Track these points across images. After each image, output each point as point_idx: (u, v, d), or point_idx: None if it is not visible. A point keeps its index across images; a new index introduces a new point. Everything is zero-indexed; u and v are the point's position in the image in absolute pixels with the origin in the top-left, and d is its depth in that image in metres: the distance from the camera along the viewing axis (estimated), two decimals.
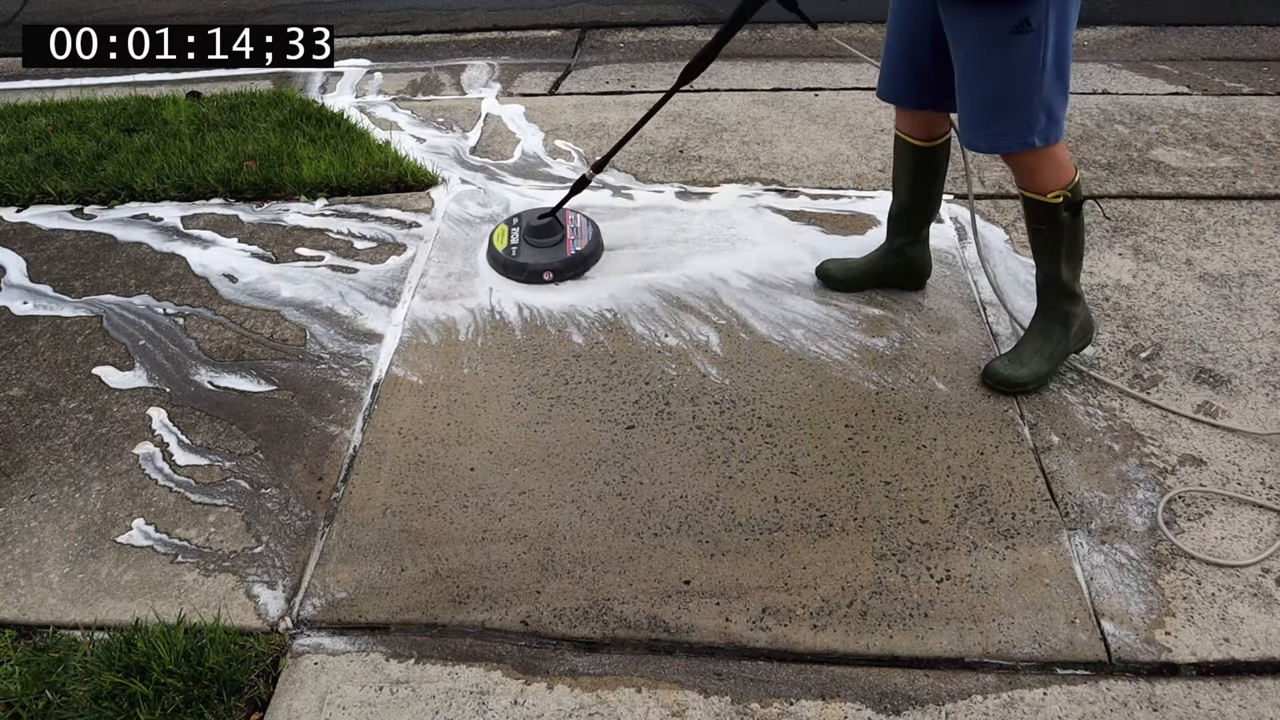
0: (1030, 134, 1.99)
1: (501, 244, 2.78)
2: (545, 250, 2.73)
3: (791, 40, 4.65)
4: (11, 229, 3.20)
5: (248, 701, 1.72)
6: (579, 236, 2.80)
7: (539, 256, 2.72)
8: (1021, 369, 2.26)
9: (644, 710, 1.67)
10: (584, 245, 2.76)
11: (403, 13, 5.30)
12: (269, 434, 2.30)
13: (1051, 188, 2.09)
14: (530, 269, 2.71)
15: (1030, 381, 2.26)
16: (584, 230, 2.84)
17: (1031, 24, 1.85)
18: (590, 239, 2.80)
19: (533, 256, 2.72)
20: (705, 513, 2.04)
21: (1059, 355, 2.29)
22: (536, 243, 2.75)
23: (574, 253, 2.74)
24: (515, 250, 2.75)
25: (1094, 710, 1.63)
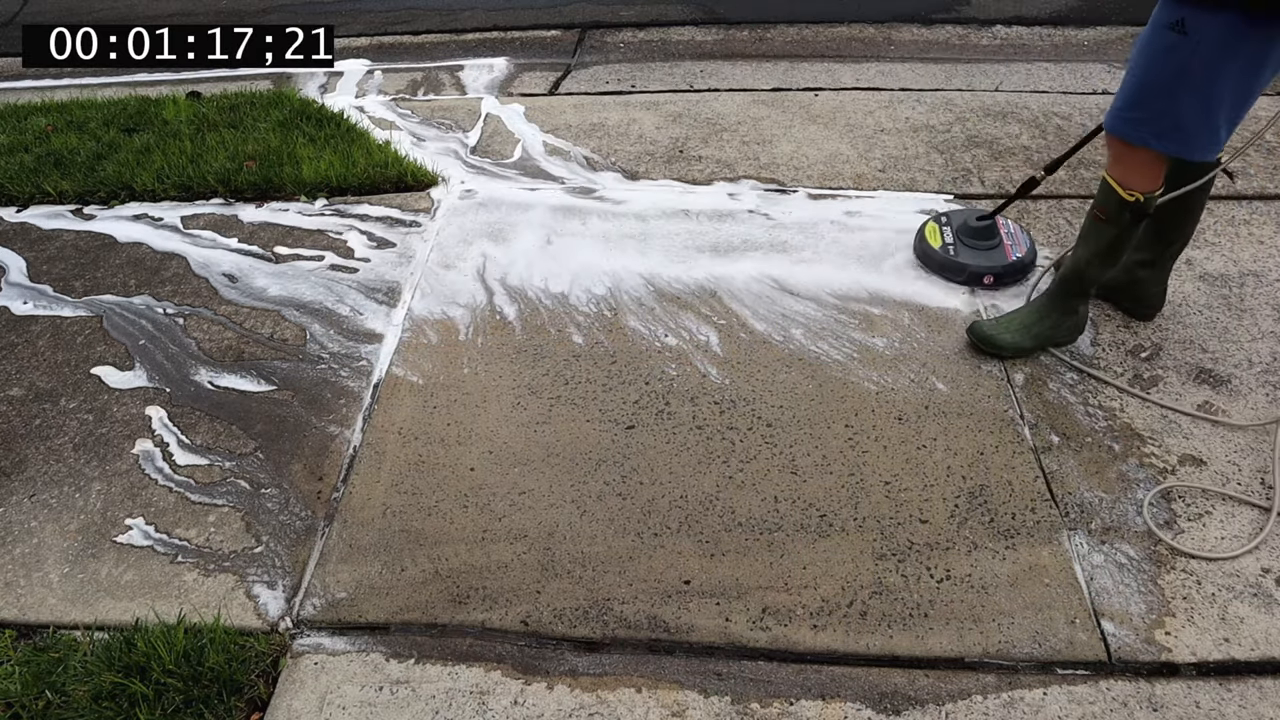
0: (1149, 134, 1.97)
1: (935, 241, 2.73)
2: (985, 253, 2.68)
3: (791, 40, 4.65)
4: (11, 229, 3.20)
5: (248, 701, 1.72)
6: (1016, 243, 2.72)
7: (979, 259, 2.66)
8: (1006, 335, 2.34)
9: (644, 710, 1.67)
10: (1023, 252, 2.68)
11: (403, 13, 5.30)
12: (269, 434, 2.30)
13: (1132, 186, 2.08)
14: (971, 270, 2.65)
15: (1008, 349, 2.34)
16: (1019, 237, 2.76)
17: (1186, 28, 1.81)
18: (1028, 246, 2.71)
19: (973, 258, 2.66)
20: (705, 513, 2.04)
21: (1043, 338, 2.35)
22: (974, 244, 2.69)
23: (1014, 259, 2.66)
24: (953, 250, 2.69)
25: (1094, 710, 1.63)
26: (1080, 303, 2.31)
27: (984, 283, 2.64)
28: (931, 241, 2.74)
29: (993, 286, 2.64)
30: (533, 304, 2.68)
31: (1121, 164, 2.10)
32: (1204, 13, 1.78)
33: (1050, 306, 2.34)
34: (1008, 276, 2.66)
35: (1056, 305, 2.33)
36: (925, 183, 3.19)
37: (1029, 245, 2.72)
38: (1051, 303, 2.34)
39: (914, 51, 4.44)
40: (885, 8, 4.93)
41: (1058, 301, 2.33)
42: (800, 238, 2.90)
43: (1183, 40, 1.83)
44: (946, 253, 2.69)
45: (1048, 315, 2.33)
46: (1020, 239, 2.74)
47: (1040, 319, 2.34)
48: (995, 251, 2.69)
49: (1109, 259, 2.22)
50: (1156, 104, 1.94)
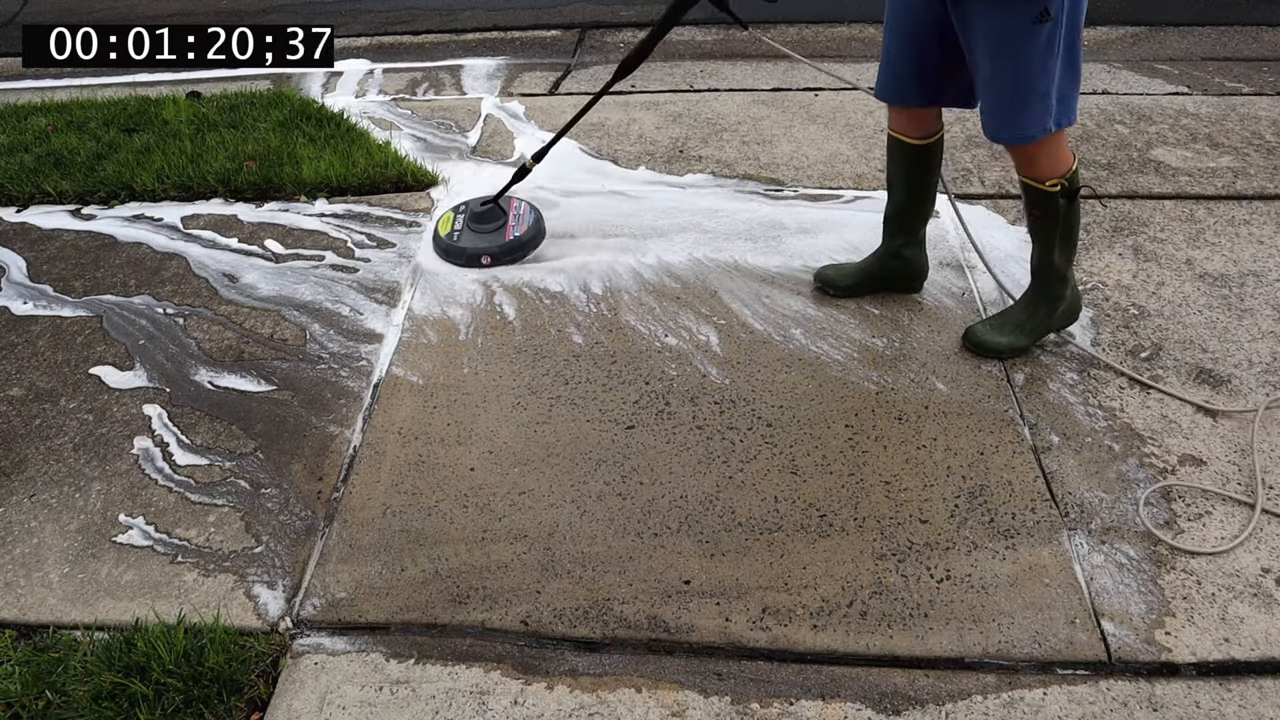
0: (1048, 122, 2.04)
1: (445, 229, 2.89)
2: (485, 235, 2.84)
3: (791, 41, 4.65)
4: (11, 229, 3.20)
5: (248, 701, 1.72)
6: (520, 223, 2.89)
7: (478, 241, 2.83)
8: (1001, 337, 2.36)
9: (644, 710, 1.67)
10: (523, 231, 2.86)
11: (403, 13, 5.31)
12: (269, 434, 2.30)
13: (1049, 176, 2.14)
14: (469, 253, 2.81)
15: (1006, 350, 2.36)
16: (526, 217, 2.93)
17: (1050, 12, 1.89)
18: (531, 225, 2.89)
19: (472, 241, 2.83)
20: (705, 513, 2.04)
21: (1039, 331, 2.37)
22: (478, 228, 2.86)
23: (512, 238, 2.84)
24: (457, 236, 2.86)
25: (1094, 710, 1.63)
26: (1063, 288, 2.34)
27: (481, 263, 2.81)
28: (441, 230, 2.91)
29: (491, 265, 2.81)
30: (532, 303, 2.68)
31: (1030, 162, 2.15)
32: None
33: (1036, 300, 2.36)
34: (504, 256, 2.83)
35: (1041, 297, 2.36)
36: None
37: (532, 223, 2.91)
38: (1036, 296, 2.37)
39: None
40: (882, 8, 4.93)
41: (1040, 294, 2.36)
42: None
43: (1051, 25, 1.91)
44: (450, 239, 2.86)
45: (1037, 309, 2.36)
46: (526, 219, 2.92)
47: (1030, 315, 2.36)
48: (496, 233, 2.86)
49: (1066, 244, 2.26)
50: (1043, 93, 2.00)
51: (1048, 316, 2.36)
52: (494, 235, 2.84)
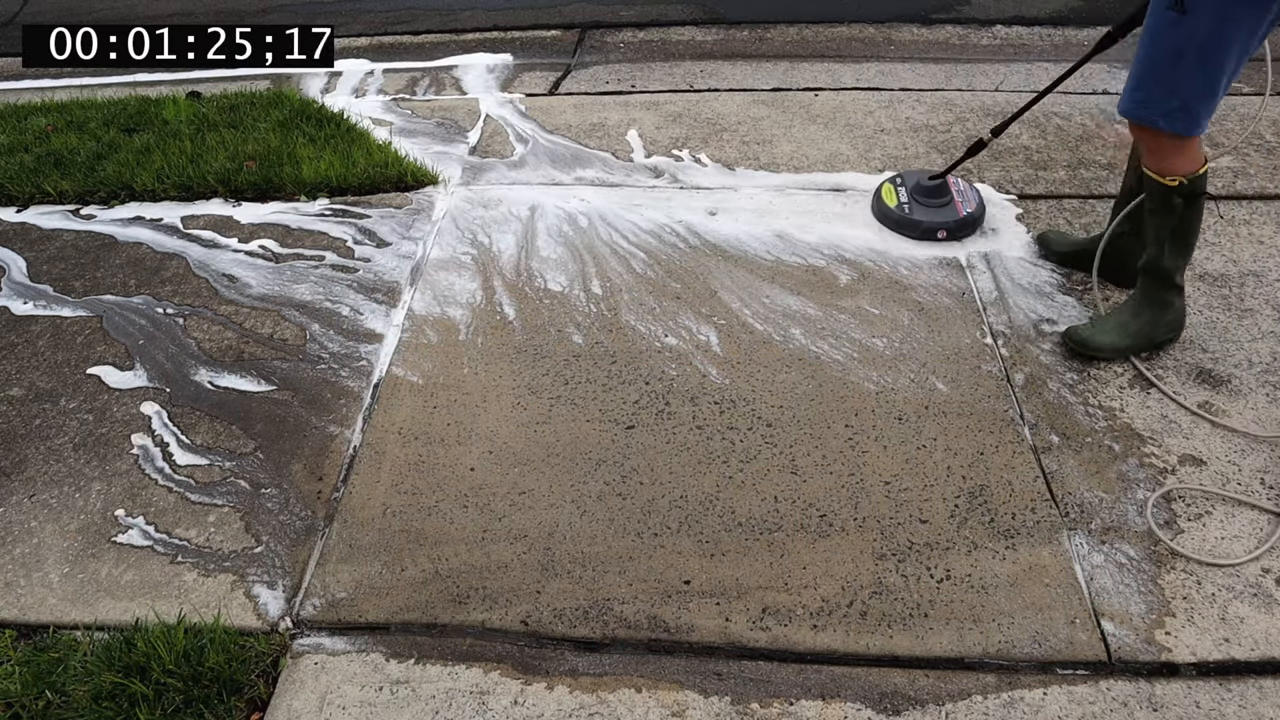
0: (1157, 114, 2.03)
1: (891, 200, 2.94)
2: (939, 210, 2.88)
3: (791, 40, 4.65)
4: (11, 229, 3.20)
5: (248, 701, 1.72)
6: (966, 200, 2.92)
7: (934, 216, 2.86)
8: (1102, 336, 2.34)
9: (644, 710, 1.67)
10: (973, 208, 2.89)
11: (403, 13, 5.30)
12: (269, 434, 2.30)
13: (1170, 172, 2.12)
14: (925, 226, 2.86)
15: (1107, 350, 2.33)
16: (969, 193, 2.96)
17: (1184, 6, 1.87)
18: (976, 202, 2.92)
19: (928, 215, 2.87)
20: (705, 513, 2.04)
21: (1143, 336, 2.33)
22: (929, 203, 2.89)
23: (965, 214, 2.86)
24: (908, 209, 2.89)
25: (1094, 710, 1.63)
26: (1173, 295, 2.32)
27: (938, 237, 2.85)
28: (888, 201, 2.94)
29: (946, 239, 2.85)
30: (533, 303, 2.68)
31: (1152, 153, 2.13)
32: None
33: (1143, 303, 2.34)
34: (959, 231, 2.86)
35: (1149, 302, 2.33)
36: None
37: (978, 201, 2.92)
38: (1144, 299, 2.34)
39: (914, 51, 4.44)
40: (885, 8, 4.93)
41: (1149, 298, 2.33)
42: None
43: (1183, 19, 1.88)
44: (902, 210, 2.89)
45: (1142, 312, 2.33)
46: (970, 195, 2.94)
47: (1135, 316, 2.34)
48: (948, 208, 2.89)
49: (1179, 246, 2.23)
50: (1162, 84, 1.99)
51: (1153, 322, 2.33)
52: (946, 210, 2.88)
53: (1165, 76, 1.98)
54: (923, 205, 2.89)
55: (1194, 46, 1.92)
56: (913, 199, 2.92)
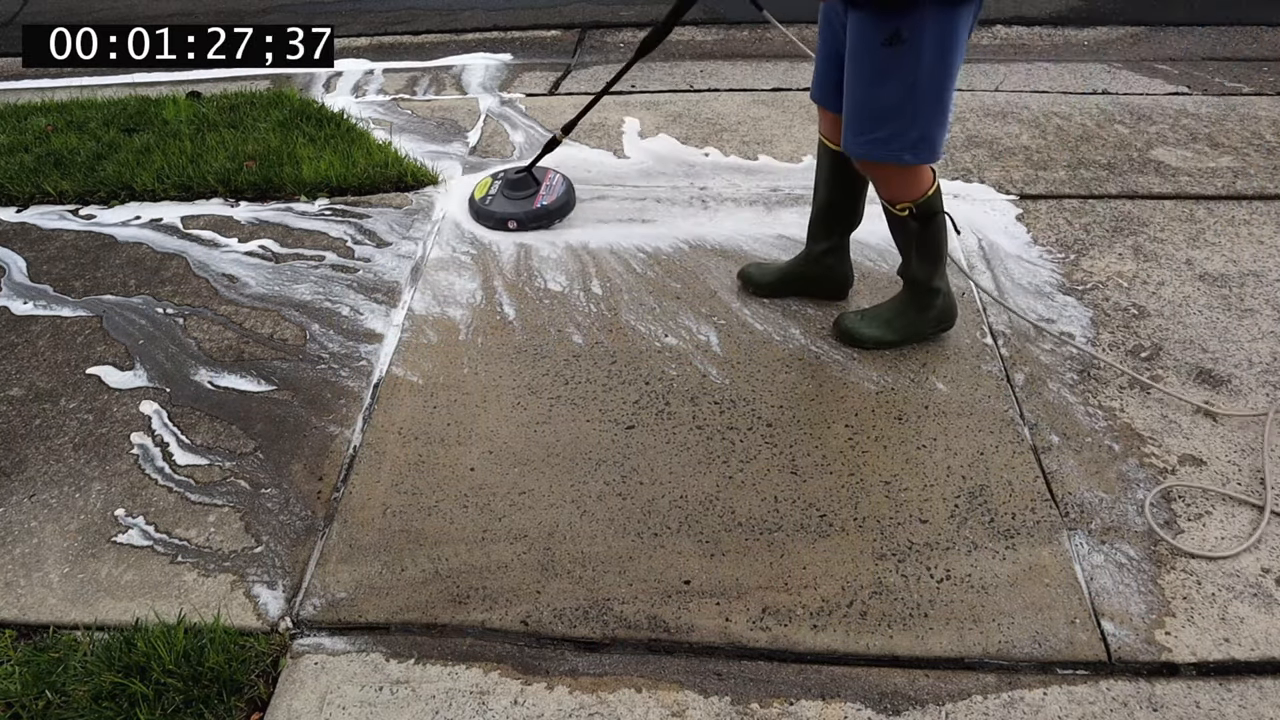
0: (900, 150, 1.98)
1: (480, 194, 3.08)
2: (516, 202, 3.00)
3: (791, 40, 4.65)
4: (11, 229, 3.20)
5: (248, 701, 1.72)
6: (550, 192, 3.04)
7: (508, 207, 2.99)
8: (867, 330, 2.42)
9: (644, 710, 1.67)
10: (552, 200, 3.02)
11: (403, 13, 5.31)
12: (269, 434, 2.30)
13: (900, 200, 2.15)
14: (498, 217, 2.99)
15: (870, 343, 2.41)
16: (557, 187, 3.08)
17: (903, 36, 1.81)
18: (560, 194, 3.05)
19: (502, 207, 3.00)
20: (705, 513, 2.04)
21: (907, 332, 2.41)
22: (510, 195, 3.03)
23: (539, 206, 2.99)
24: (489, 200, 3.03)
25: (1094, 710, 1.63)
26: (932, 298, 2.36)
27: (509, 227, 2.98)
28: (477, 195, 3.09)
29: (518, 230, 2.98)
30: (533, 303, 2.68)
31: (887, 185, 2.14)
32: (911, 14, 1.78)
33: (905, 304, 2.40)
34: (531, 222, 2.99)
35: (909, 303, 2.39)
36: None
37: (562, 193, 3.06)
38: (905, 300, 2.40)
39: None
40: None
41: (909, 299, 2.39)
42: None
43: (905, 50, 1.82)
44: (484, 202, 3.04)
45: (905, 311, 2.40)
46: (557, 189, 3.08)
47: (899, 315, 2.41)
48: (526, 200, 3.02)
49: (926, 257, 2.27)
50: (898, 119, 1.93)
51: (916, 319, 2.40)
52: (524, 202, 3.00)
53: (899, 111, 1.91)
54: (506, 197, 3.03)
55: (923, 74, 1.85)
56: (500, 191, 3.06)
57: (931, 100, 1.91)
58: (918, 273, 2.31)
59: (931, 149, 1.99)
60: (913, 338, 2.43)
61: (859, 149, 2.04)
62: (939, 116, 1.95)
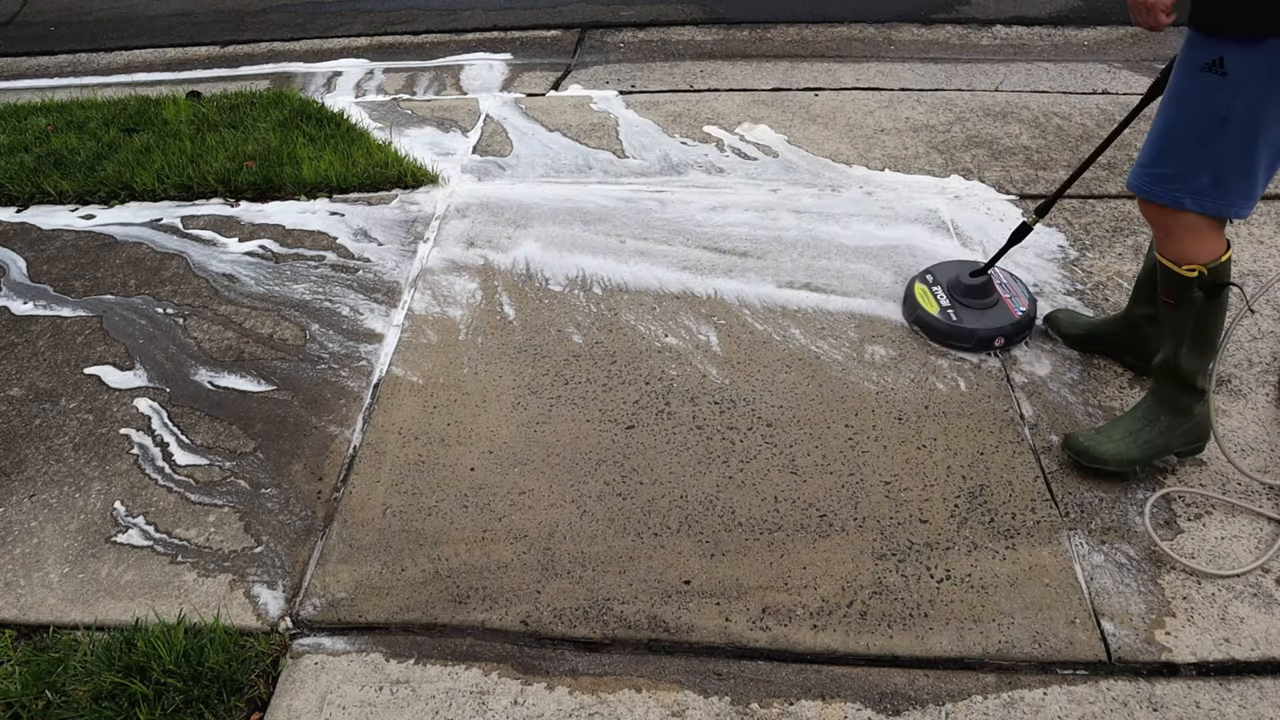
0: (1184, 192, 1.73)
1: (930, 306, 2.48)
2: (989, 313, 2.44)
3: (791, 40, 4.65)
4: (11, 229, 3.20)
5: (248, 701, 1.72)
6: (1014, 294, 2.50)
7: (986, 321, 2.42)
8: (1107, 446, 2.00)
9: (644, 710, 1.67)
10: (1026, 305, 2.46)
11: (403, 13, 5.30)
12: (269, 434, 2.30)
13: (1187, 260, 1.80)
14: (981, 336, 2.40)
15: (1113, 462, 2.00)
16: (1013, 286, 2.54)
17: (1225, 67, 1.60)
18: (1027, 295, 2.50)
19: (980, 321, 2.42)
20: (705, 513, 2.04)
21: (1156, 447, 2.00)
22: (974, 304, 2.46)
23: (1021, 315, 2.43)
24: (954, 315, 2.44)
25: (1094, 710, 1.63)
26: (1192, 401, 1.99)
27: (995, 346, 2.41)
28: (928, 307, 2.48)
29: (1005, 348, 2.42)
30: (533, 303, 2.68)
31: (1169, 237, 1.81)
32: (1245, 47, 1.57)
33: (1157, 408, 2.01)
34: (1017, 336, 2.44)
35: (1164, 406, 2.01)
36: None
37: (1026, 294, 2.51)
38: (1158, 404, 2.02)
39: (914, 51, 4.44)
40: (885, 8, 4.93)
41: (1163, 401, 2.01)
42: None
43: (1222, 81, 1.61)
44: (948, 318, 2.44)
45: (1157, 418, 2.00)
46: (1017, 289, 2.53)
47: (1149, 423, 2.00)
48: (998, 310, 2.45)
49: (1200, 345, 1.92)
50: (1190, 157, 1.70)
51: (1168, 431, 2.00)
52: (997, 312, 2.44)
53: (1196, 148, 1.68)
54: (970, 308, 2.45)
55: (1237, 113, 1.62)
56: (955, 300, 2.48)
57: (1239, 146, 1.65)
58: (1185, 364, 1.93)
59: (1222, 200, 1.71)
60: (1160, 455, 2.02)
61: (1139, 181, 1.79)
62: (1244, 168, 1.67)
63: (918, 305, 2.49)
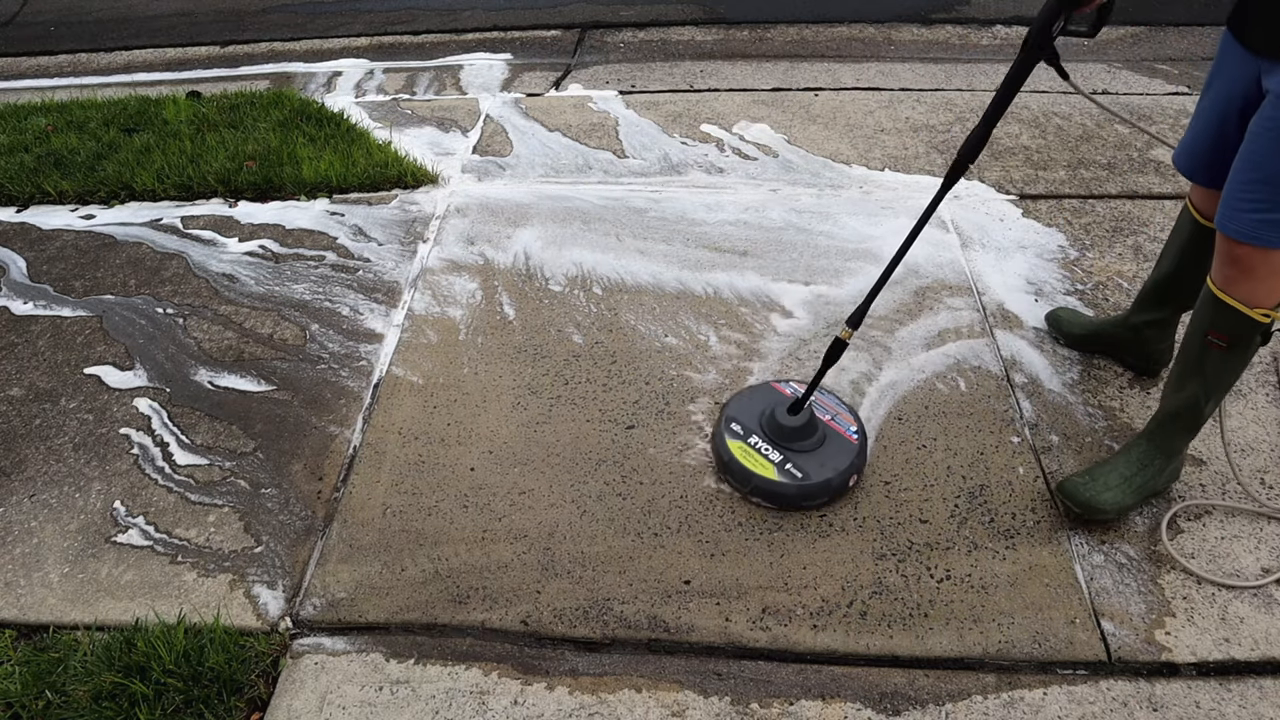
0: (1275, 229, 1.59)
1: (768, 469, 2.01)
2: (825, 452, 2.04)
3: (791, 40, 4.65)
4: (11, 229, 3.20)
5: (248, 701, 1.72)
6: (835, 414, 2.14)
7: (829, 462, 2.02)
8: (1105, 494, 1.91)
9: (644, 710, 1.67)
10: (854, 423, 2.12)
11: (403, 13, 5.30)
12: (269, 434, 2.30)
13: (1260, 302, 1.67)
14: (836, 484, 2.00)
15: (1111, 511, 1.91)
16: (827, 403, 2.18)
17: None
18: (848, 409, 2.17)
19: (823, 467, 2.01)
20: (705, 513, 2.03)
21: (1148, 490, 1.95)
22: (807, 446, 2.04)
23: (857, 438, 2.08)
24: (795, 469, 2.00)
25: (1094, 710, 1.63)
26: (1186, 441, 1.93)
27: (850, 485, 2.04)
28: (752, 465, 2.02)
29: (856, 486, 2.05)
30: (533, 303, 2.68)
31: (1250, 277, 1.65)
32: None
33: (1153, 453, 1.94)
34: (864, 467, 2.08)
35: (1160, 450, 1.93)
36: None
37: (846, 407, 2.17)
38: (1153, 449, 1.94)
39: (914, 51, 4.44)
40: (885, 8, 4.94)
41: (1161, 446, 1.93)
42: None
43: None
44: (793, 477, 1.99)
45: (1151, 463, 1.93)
46: (830, 405, 2.17)
47: (1142, 468, 1.93)
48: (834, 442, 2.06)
49: (1224, 389, 1.84)
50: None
51: (1160, 473, 1.94)
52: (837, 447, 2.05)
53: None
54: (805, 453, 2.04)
55: None
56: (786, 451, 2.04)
57: None
58: (1207, 409, 1.85)
59: None
60: (1151, 496, 1.99)
61: (1244, 226, 1.61)
62: None
63: (749, 474, 2.01)
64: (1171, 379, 1.90)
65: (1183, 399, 1.86)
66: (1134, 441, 1.98)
